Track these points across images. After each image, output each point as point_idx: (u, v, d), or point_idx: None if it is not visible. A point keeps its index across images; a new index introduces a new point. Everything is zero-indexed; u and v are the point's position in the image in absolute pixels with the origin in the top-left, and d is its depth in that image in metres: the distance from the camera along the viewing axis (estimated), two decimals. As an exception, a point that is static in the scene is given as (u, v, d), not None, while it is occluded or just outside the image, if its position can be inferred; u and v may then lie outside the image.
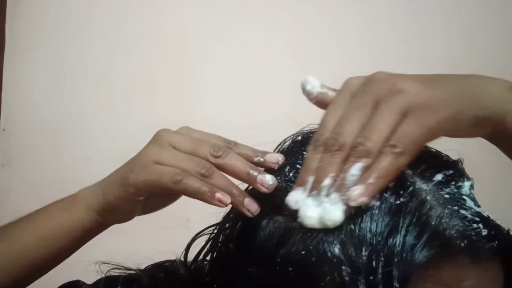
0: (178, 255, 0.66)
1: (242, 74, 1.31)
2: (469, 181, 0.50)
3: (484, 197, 0.51)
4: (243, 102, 1.29)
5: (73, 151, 1.28)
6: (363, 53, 1.33)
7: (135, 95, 1.30)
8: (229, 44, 1.32)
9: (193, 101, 1.30)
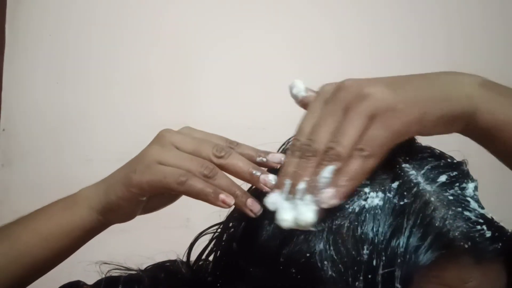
0: (178, 255, 0.66)
1: (242, 74, 1.31)
2: (473, 182, 0.50)
3: (484, 197, 0.51)
4: (243, 102, 1.29)
5: (73, 151, 1.28)
6: (363, 53, 1.33)
7: (135, 95, 1.30)
8: (229, 44, 1.32)
9: (193, 101, 1.30)
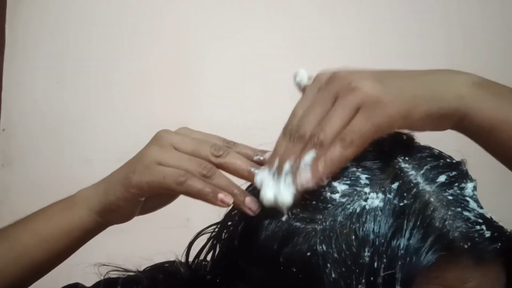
0: (177, 255, 0.66)
1: (242, 74, 1.31)
2: (472, 182, 0.50)
3: (483, 197, 0.51)
4: (243, 102, 1.29)
5: (73, 151, 1.28)
6: (363, 53, 1.33)
7: (135, 95, 1.30)
8: (229, 44, 1.32)
9: (193, 101, 1.30)
